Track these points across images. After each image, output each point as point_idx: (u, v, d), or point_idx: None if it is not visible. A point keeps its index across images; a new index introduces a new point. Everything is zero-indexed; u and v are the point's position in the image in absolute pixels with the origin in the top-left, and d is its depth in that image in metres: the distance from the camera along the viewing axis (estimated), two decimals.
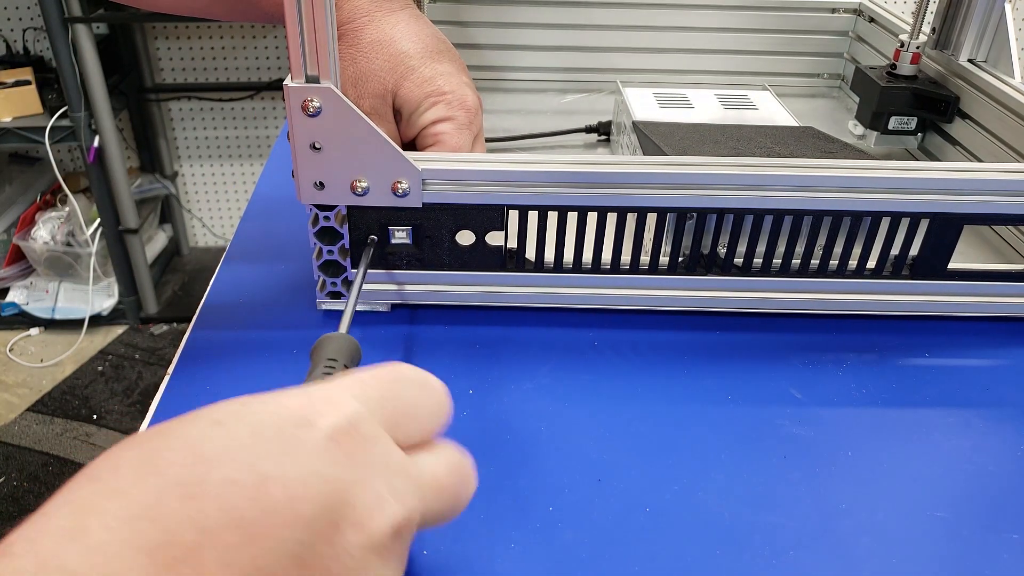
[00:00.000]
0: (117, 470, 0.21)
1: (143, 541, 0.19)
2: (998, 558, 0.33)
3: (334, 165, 0.41)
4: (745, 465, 0.37)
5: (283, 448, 0.23)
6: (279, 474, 0.22)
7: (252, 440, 0.22)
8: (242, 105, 2.04)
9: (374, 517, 0.24)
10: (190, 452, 0.22)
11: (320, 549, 0.22)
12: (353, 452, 0.24)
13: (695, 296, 0.46)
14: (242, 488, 0.21)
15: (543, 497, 0.35)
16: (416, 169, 0.41)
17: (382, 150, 0.40)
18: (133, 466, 0.21)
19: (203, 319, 0.46)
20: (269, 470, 0.22)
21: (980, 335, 0.47)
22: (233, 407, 0.24)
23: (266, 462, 0.22)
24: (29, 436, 1.61)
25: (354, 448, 0.24)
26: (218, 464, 0.21)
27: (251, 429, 0.23)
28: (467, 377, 0.42)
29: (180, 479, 0.21)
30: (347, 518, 0.23)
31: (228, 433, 0.22)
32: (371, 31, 0.45)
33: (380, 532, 0.24)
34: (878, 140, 0.65)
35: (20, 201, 1.93)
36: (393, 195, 0.42)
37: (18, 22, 1.88)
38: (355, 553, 0.23)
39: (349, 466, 0.24)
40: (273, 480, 0.22)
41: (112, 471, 0.21)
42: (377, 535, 0.23)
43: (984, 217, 0.43)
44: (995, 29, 0.59)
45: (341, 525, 0.23)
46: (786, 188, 0.42)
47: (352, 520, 0.23)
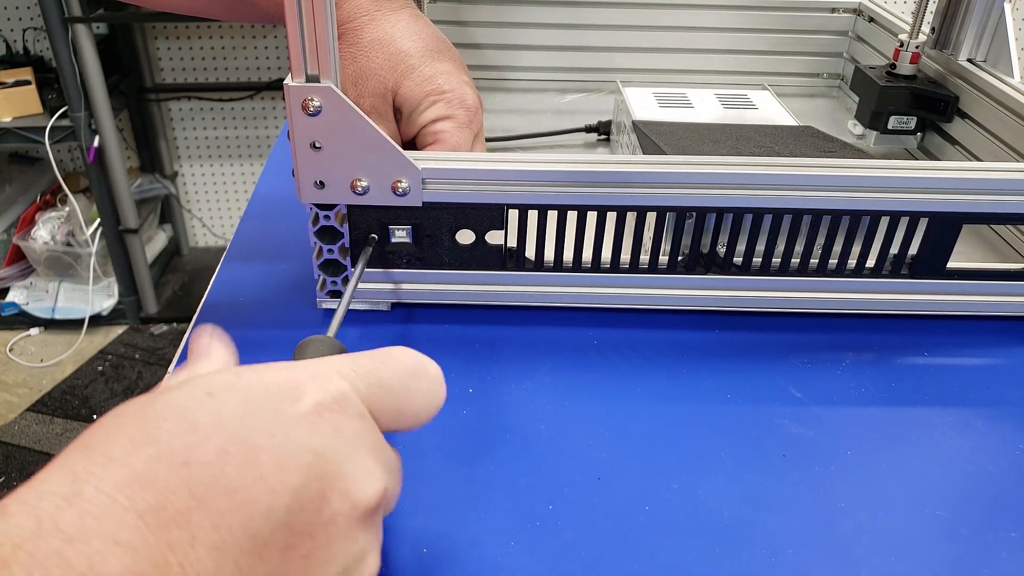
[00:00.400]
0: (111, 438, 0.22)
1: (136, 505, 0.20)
2: (997, 557, 0.33)
3: (334, 164, 0.41)
4: (745, 465, 0.37)
5: (273, 421, 0.23)
6: (268, 445, 0.23)
7: (243, 412, 0.23)
8: (242, 105, 2.04)
9: (361, 488, 0.25)
10: (183, 421, 0.22)
11: (307, 516, 0.23)
12: (338, 427, 0.25)
13: (695, 295, 0.46)
14: (232, 457, 0.22)
15: (543, 497, 0.35)
16: (416, 168, 0.41)
17: (382, 149, 0.40)
18: (127, 434, 0.22)
19: (203, 319, 0.46)
20: (259, 441, 0.23)
21: (980, 334, 0.47)
22: (226, 379, 0.25)
23: (256, 434, 0.23)
24: (29, 436, 1.61)
25: (338, 423, 0.25)
26: (210, 434, 0.22)
27: (242, 402, 0.24)
28: (467, 377, 0.42)
29: (173, 447, 0.22)
30: (334, 488, 0.24)
31: (220, 404, 0.23)
32: (371, 30, 0.45)
33: (365, 503, 0.25)
34: (878, 140, 0.65)
35: (20, 201, 1.93)
36: (393, 194, 0.42)
37: (18, 22, 1.88)
38: (340, 522, 0.24)
39: (335, 439, 0.25)
40: (262, 450, 0.23)
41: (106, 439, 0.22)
42: (362, 505, 0.25)
43: (983, 216, 0.43)
44: (994, 29, 0.59)
45: (328, 495, 0.24)
46: (786, 188, 0.42)
47: (339, 490, 0.24)
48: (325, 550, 0.24)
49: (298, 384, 0.25)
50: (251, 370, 0.25)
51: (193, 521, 0.21)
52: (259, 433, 0.23)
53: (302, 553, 0.23)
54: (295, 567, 0.23)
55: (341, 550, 0.24)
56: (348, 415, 0.25)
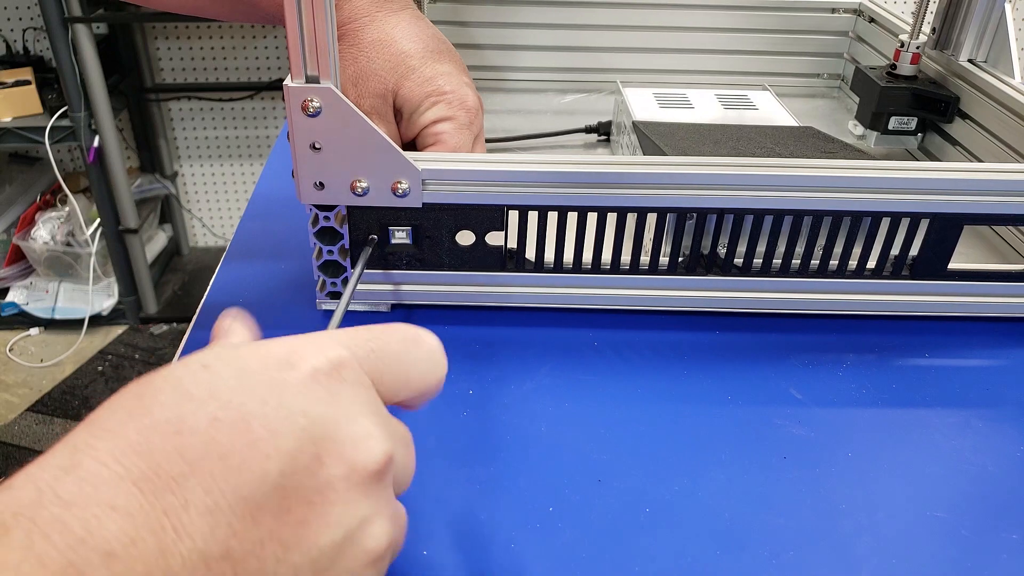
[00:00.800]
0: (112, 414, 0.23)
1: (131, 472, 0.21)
2: (997, 558, 0.33)
3: (334, 165, 0.41)
4: (745, 465, 0.37)
5: (267, 388, 0.24)
6: (261, 412, 0.23)
7: (237, 382, 0.24)
8: (242, 105, 2.04)
9: (360, 452, 0.24)
10: (177, 393, 0.23)
11: (302, 480, 0.23)
12: (336, 392, 0.25)
13: (695, 296, 0.46)
14: (224, 424, 0.22)
15: (543, 497, 0.35)
16: (416, 169, 0.41)
17: (382, 150, 0.40)
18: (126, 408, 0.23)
19: (203, 319, 0.46)
20: (252, 409, 0.23)
21: (980, 335, 0.47)
22: (223, 352, 0.25)
23: (250, 402, 0.23)
24: (29, 436, 1.61)
25: (335, 388, 0.25)
26: (203, 403, 0.23)
27: (236, 371, 0.24)
28: (467, 377, 0.42)
29: (167, 417, 0.22)
30: (330, 452, 0.24)
31: (214, 375, 0.24)
32: (372, 31, 0.45)
33: (363, 466, 0.24)
34: (878, 140, 0.65)
35: (20, 201, 1.93)
36: (393, 195, 0.42)
37: (18, 22, 1.88)
38: (338, 486, 0.24)
39: (331, 403, 0.25)
40: (255, 417, 0.23)
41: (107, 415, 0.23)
42: (361, 469, 0.24)
43: (984, 217, 0.43)
44: (995, 29, 0.59)
45: (324, 459, 0.24)
46: (786, 188, 0.42)
47: (335, 454, 0.24)
48: (323, 516, 0.24)
49: (294, 351, 0.25)
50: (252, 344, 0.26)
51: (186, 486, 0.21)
52: (252, 400, 0.23)
53: (298, 518, 0.23)
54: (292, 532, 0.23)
55: (340, 515, 0.24)
56: (346, 380, 0.25)
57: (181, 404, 0.23)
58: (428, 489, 0.35)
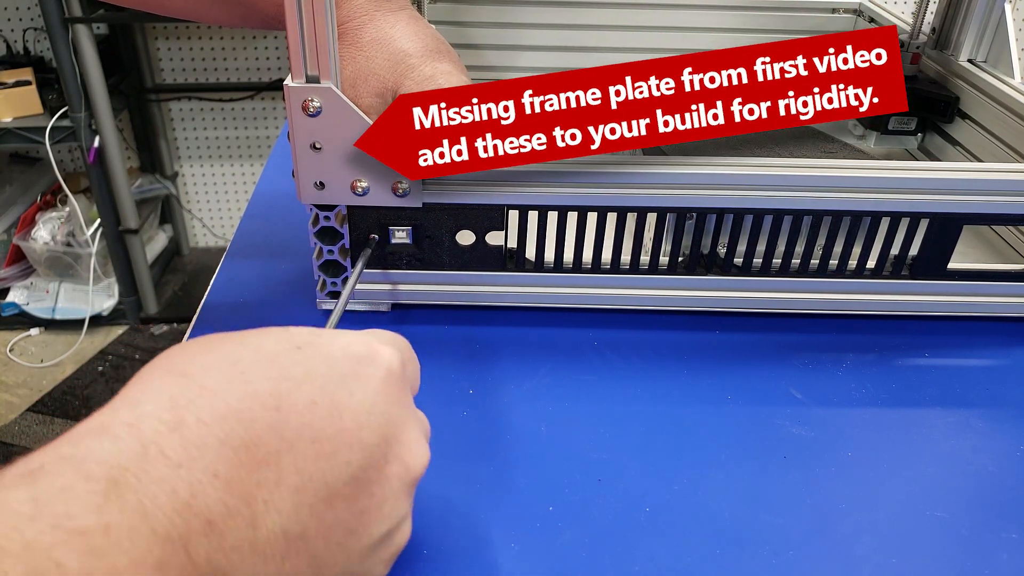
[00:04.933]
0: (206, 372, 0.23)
1: (231, 440, 0.22)
2: (997, 558, 0.33)
3: (334, 165, 0.41)
4: (745, 465, 0.37)
5: (354, 381, 0.25)
6: (350, 404, 0.25)
7: (328, 370, 0.25)
8: (242, 105, 2.04)
9: (414, 455, 0.27)
10: (275, 368, 0.24)
11: (372, 474, 0.25)
12: (401, 394, 0.27)
13: (695, 296, 0.46)
14: (320, 408, 0.24)
15: (543, 497, 0.35)
16: None
17: None
18: (221, 369, 0.23)
19: (203, 319, 0.46)
20: (342, 399, 0.25)
21: (980, 335, 0.47)
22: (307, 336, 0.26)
23: (340, 391, 0.25)
24: (29, 436, 1.61)
25: (399, 392, 0.27)
26: (301, 385, 0.24)
27: (327, 360, 0.25)
28: (467, 377, 0.42)
29: (267, 390, 0.23)
30: (395, 453, 0.26)
31: (308, 359, 0.25)
32: (371, 30, 0.45)
33: (414, 469, 0.27)
34: (878, 140, 0.65)
35: (20, 201, 1.93)
36: (393, 195, 0.42)
37: (18, 22, 1.88)
38: (395, 484, 0.26)
39: (399, 405, 0.27)
40: (345, 407, 0.24)
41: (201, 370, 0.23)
42: (411, 471, 0.27)
43: (984, 217, 0.43)
44: (995, 29, 0.59)
45: (390, 457, 0.26)
46: (786, 188, 0.42)
47: (398, 455, 0.26)
48: (379, 509, 0.25)
49: (370, 347, 0.27)
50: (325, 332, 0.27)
51: (281, 463, 0.22)
52: (342, 390, 0.25)
53: (361, 508, 0.25)
54: (354, 520, 0.24)
55: (390, 510, 0.26)
56: (403, 386, 0.27)
57: (280, 381, 0.24)
58: (428, 489, 0.35)
